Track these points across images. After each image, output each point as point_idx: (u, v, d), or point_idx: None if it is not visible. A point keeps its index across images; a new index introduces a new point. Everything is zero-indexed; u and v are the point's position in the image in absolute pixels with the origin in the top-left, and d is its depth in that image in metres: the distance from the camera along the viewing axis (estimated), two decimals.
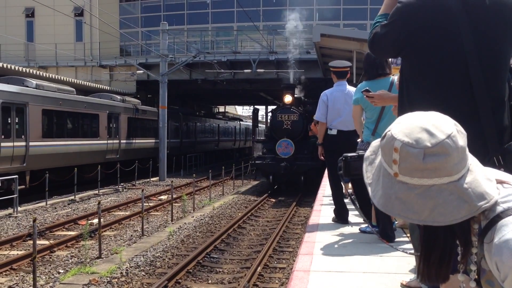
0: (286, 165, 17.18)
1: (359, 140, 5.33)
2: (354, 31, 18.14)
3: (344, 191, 7.89)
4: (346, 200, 6.53)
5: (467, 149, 1.09)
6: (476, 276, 1.14)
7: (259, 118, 48.40)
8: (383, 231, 4.90)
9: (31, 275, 7.22)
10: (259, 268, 7.88)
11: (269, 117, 22.07)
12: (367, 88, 3.92)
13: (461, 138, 1.07)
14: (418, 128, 1.07)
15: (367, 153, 1.22)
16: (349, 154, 1.82)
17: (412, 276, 3.69)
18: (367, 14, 29.41)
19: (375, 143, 1.21)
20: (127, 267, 8.05)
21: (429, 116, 1.11)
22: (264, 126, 41.62)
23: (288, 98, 18.17)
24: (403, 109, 2.20)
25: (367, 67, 5.11)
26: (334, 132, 6.31)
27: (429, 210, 1.06)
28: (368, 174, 1.19)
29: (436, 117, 1.11)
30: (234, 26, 30.77)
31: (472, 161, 1.12)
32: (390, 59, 4.93)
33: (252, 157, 18.88)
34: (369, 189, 1.17)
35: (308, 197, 15.86)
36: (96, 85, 26.17)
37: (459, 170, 1.06)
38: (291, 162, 17.35)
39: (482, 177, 1.10)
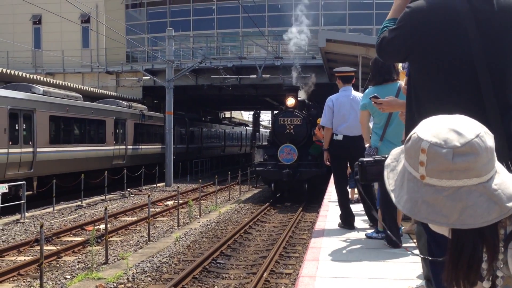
0: (288, 172, 16.03)
1: (367, 145, 5.32)
2: (360, 36, 18.17)
3: (350, 196, 7.89)
4: (352, 205, 6.53)
5: (494, 150, 1.08)
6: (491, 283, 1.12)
7: (265, 124, 48.34)
8: (389, 236, 4.89)
9: (38, 281, 7.25)
10: (265, 273, 7.87)
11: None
12: (376, 94, 3.90)
13: (489, 139, 1.06)
14: (445, 128, 1.06)
15: (388, 160, 1.21)
16: (365, 159, 1.81)
17: (419, 282, 3.68)
18: (373, 19, 29.42)
19: (396, 150, 1.21)
20: (133, 273, 8.07)
21: (455, 118, 1.10)
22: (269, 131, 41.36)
23: (290, 101, 17.06)
24: (410, 114, 2.21)
25: (375, 73, 5.11)
26: (339, 137, 6.32)
27: (458, 212, 1.04)
28: (390, 181, 1.18)
29: (462, 118, 1.10)
30: (239, 32, 30.86)
31: (498, 163, 1.11)
32: (400, 64, 4.93)
33: (253, 163, 17.70)
34: (392, 195, 1.15)
35: (314, 203, 15.79)
36: (102, 91, 26.32)
37: (488, 171, 1.05)
38: (294, 169, 16.25)
39: (509, 179, 1.09)
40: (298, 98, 17.88)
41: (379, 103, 3.60)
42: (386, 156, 1.27)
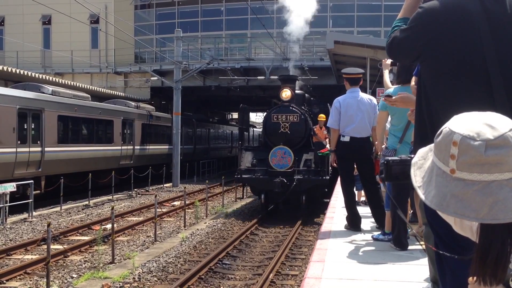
0: (281, 181, 12.84)
1: (383, 146, 5.24)
2: (368, 38, 18.14)
3: (357, 198, 7.85)
4: (358, 207, 6.50)
5: None
6: None
7: None
8: (397, 238, 4.87)
9: (45, 280, 7.28)
10: (271, 275, 7.85)
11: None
12: (389, 93, 3.82)
13: None
14: (478, 122, 1.05)
15: (415, 159, 1.21)
16: (391, 158, 1.80)
17: (426, 284, 3.65)
18: (381, 21, 29.33)
19: (423, 150, 1.20)
20: (139, 273, 8.08)
21: (487, 113, 1.09)
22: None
23: (286, 93, 13.89)
24: (420, 113, 2.19)
25: (400, 70, 5.02)
26: (347, 139, 6.31)
27: (488, 207, 1.02)
28: (417, 178, 1.17)
29: (495, 114, 1.09)
30: (248, 33, 30.89)
31: None
32: None
33: (239, 169, 14.04)
34: (418, 191, 1.14)
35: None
36: (111, 91, 26.43)
37: None
38: (289, 177, 13.04)
39: None
40: (297, 91, 14.90)
41: (392, 101, 3.50)
42: (413, 155, 1.26)
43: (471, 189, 1.03)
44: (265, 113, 14.96)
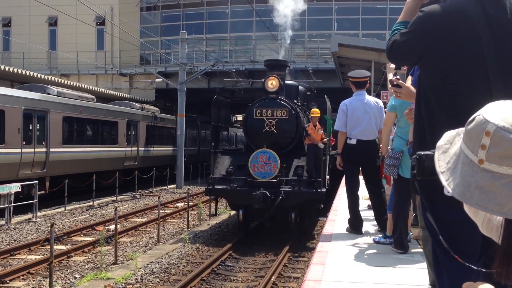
0: (263, 194, 9.92)
1: (389, 148, 5.23)
2: (372, 41, 18.09)
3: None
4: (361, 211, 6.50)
5: None
6: None
7: None
8: (398, 240, 4.88)
9: (48, 280, 7.31)
10: (273, 277, 7.86)
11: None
12: (398, 76, 3.40)
13: None
14: None
15: (440, 142, 1.17)
16: (424, 152, 1.73)
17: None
18: (386, 24, 29.31)
19: (450, 133, 1.17)
20: (142, 274, 8.10)
21: None
22: None
23: (273, 82, 11.15)
24: (419, 116, 2.20)
25: (408, 74, 4.99)
26: (353, 141, 6.33)
27: None
28: (441, 163, 1.13)
29: None
30: (252, 36, 30.93)
31: None
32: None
33: (211, 178, 10.99)
34: (441, 177, 1.11)
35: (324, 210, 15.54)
36: (116, 93, 26.51)
37: None
38: (274, 189, 10.17)
39: None
40: (287, 81, 12.27)
41: (398, 86, 2.99)
42: None
43: (498, 182, 0.99)
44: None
